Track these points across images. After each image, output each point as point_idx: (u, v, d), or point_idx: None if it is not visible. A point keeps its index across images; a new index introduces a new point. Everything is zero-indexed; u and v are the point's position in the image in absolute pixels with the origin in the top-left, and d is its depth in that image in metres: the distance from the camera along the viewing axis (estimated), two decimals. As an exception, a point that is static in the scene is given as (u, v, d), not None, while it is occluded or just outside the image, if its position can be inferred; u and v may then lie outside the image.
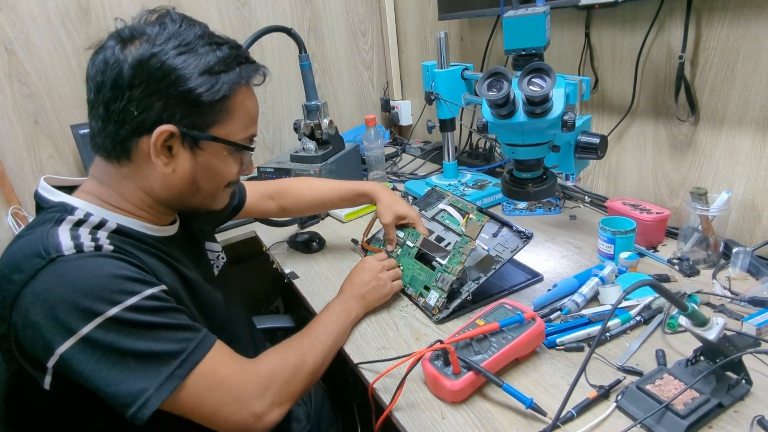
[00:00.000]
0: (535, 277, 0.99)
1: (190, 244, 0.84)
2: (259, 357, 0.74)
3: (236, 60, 0.69)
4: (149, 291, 0.62)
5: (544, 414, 0.67)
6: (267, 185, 1.15)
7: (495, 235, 0.98)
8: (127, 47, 0.64)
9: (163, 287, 0.65)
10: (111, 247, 0.63)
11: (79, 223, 0.65)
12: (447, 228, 1.04)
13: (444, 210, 1.08)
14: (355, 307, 0.91)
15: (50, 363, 0.59)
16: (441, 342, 0.73)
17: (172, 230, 0.78)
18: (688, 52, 1.01)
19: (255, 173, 1.52)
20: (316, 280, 1.10)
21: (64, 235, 0.62)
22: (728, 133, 1.00)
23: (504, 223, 0.98)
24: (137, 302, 0.60)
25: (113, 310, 0.58)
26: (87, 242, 0.62)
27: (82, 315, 0.58)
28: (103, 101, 0.65)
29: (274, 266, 1.23)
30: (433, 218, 1.08)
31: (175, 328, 0.63)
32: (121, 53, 0.63)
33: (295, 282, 1.11)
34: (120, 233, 0.68)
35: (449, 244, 1.00)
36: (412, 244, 1.04)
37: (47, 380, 0.61)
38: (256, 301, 1.90)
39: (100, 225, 0.66)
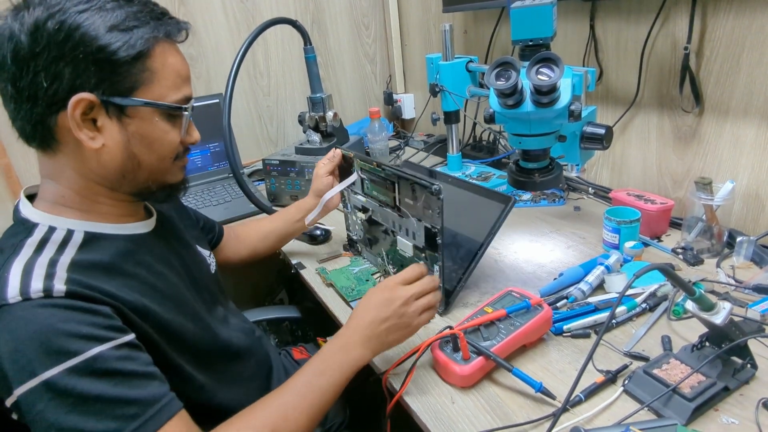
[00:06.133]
0: (506, 201, 0.89)
1: (172, 239, 0.79)
2: (217, 429, 0.62)
3: (150, 14, 0.63)
4: (97, 349, 0.55)
5: (553, 398, 0.68)
6: (234, 228, 1.12)
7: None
8: (20, 15, 0.58)
9: (124, 339, 0.58)
10: (64, 288, 0.56)
11: (41, 244, 0.61)
12: (382, 203, 0.98)
13: (363, 179, 1.02)
14: (361, 354, 0.71)
15: (8, 404, 0.56)
16: (450, 328, 0.74)
17: (147, 226, 0.74)
18: (694, 43, 1.02)
19: (260, 165, 1.53)
20: (323, 270, 1.11)
21: (15, 273, 0.57)
22: (733, 124, 1.01)
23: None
24: (79, 363, 0.54)
25: (50, 372, 0.53)
26: (36, 285, 0.56)
27: (19, 374, 0.53)
28: (9, 80, 0.59)
29: (280, 257, 1.23)
30: (366, 195, 1.03)
31: (117, 402, 0.55)
32: (15, 22, 0.57)
33: (302, 272, 1.12)
34: (88, 246, 0.63)
35: (393, 224, 0.96)
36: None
37: (15, 415, 0.58)
38: (260, 294, 1.91)
39: (66, 241, 0.62)
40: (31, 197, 0.68)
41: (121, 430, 0.55)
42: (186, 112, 0.68)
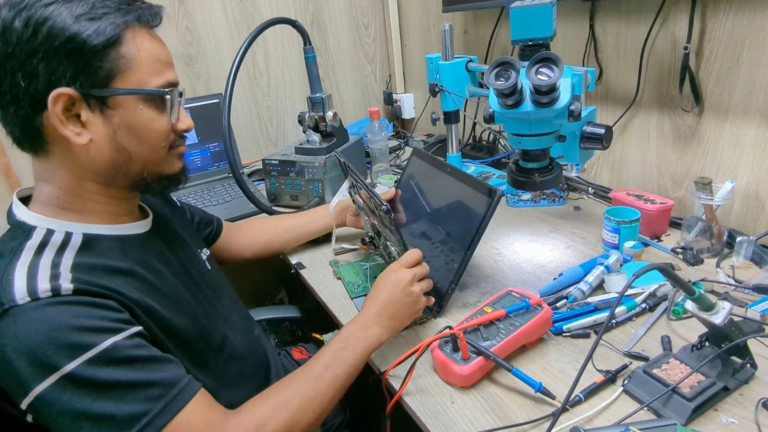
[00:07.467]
0: (491, 194, 0.84)
1: (169, 238, 0.80)
2: (246, 405, 0.67)
3: (118, 1, 0.62)
4: (111, 340, 0.56)
5: (553, 398, 0.68)
6: (239, 225, 1.14)
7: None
8: None
9: (134, 330, 0.59)
10: (71, 286, 0.57)
11: (41, 247, 0.61)
12: (370, 208, 0.96)
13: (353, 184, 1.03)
14: (378, 333, 0.76)
15: (23, 406, 0.57)
16: (450, 328, 0.74)
17: (144, 226, 0.74)
18: (693, 43, 1.02)
19: (259, 165, 1.53)
20: (322, 270, 1.11)
21: (20, 275, 0.57)
22: (732, 123, 1.01)
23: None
24: (97, 354, 0.55)
25: (69, 366, 0.54)
26: (43, 285, 0.56)
27: (38, 372, 0.54)
28: None
29: (280, 257, 1.23)
30: (361, 198, 1.00)
31: (140, 385, 0.57)
32: None
33: (302, 272, 1.12)
34: (87, 248, 0.63)
35: (382, 228, 0.94)
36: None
37: (29, 417, 0.59)
38: (260, 293, 1.91)
39: (65, 244, 0.62)
40: (24, 200, 0.68)
41: (148, 410, 0.56)
42: (168, 96, 0.66)
